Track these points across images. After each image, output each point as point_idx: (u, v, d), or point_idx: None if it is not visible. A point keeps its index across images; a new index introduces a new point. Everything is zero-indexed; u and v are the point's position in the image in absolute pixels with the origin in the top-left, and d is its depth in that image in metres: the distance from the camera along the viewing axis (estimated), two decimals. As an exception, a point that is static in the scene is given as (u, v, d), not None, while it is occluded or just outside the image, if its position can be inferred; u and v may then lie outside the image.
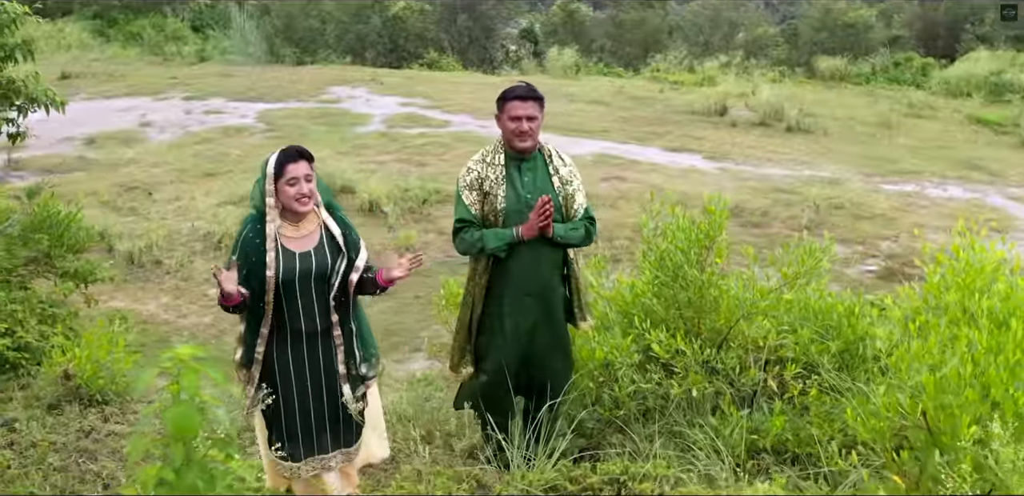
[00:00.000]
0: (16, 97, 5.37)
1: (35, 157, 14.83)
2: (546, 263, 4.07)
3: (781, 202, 13.44)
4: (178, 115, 17.01)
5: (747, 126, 17.08)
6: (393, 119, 16.92)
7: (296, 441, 3.59)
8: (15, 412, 4.49)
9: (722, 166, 15.27)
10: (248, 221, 3.57)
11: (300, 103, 17.71)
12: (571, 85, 19.39)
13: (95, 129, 16.22)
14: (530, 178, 4.07)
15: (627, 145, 16.05)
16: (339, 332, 3.64)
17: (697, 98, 17.91)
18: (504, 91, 4.14)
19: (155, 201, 13.52)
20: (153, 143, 15.85)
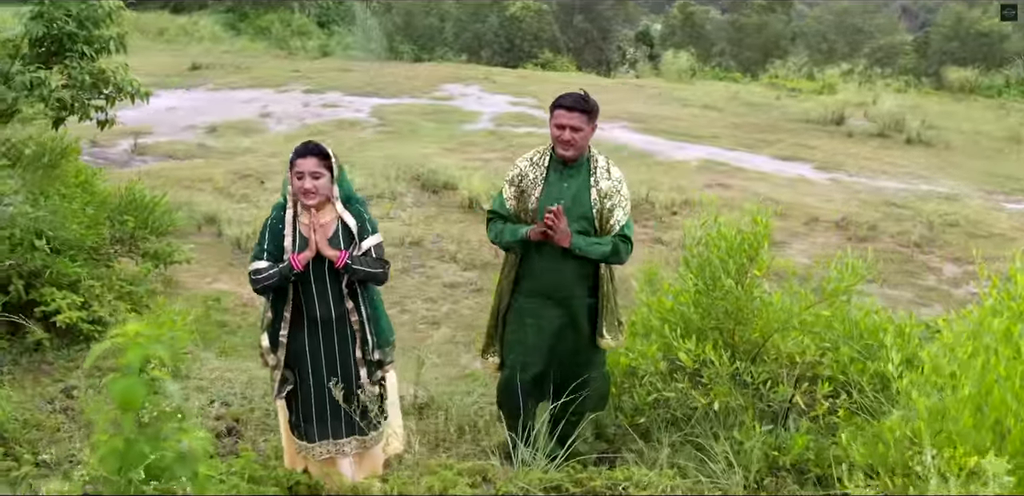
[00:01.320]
0: (105, 87, 5.70)
1: (159, 143, 15.55)
2: (569, 271, 4.05)
3: (892, 217, 12.97)
4: (296, 107, 17.60)
5: (864, 137, 16.53)
6: (502, 117, 17.08)
7: (311, 423, 3.73)
8: (77, 380, 4.81)
9: (833, 177, 14.83)
10: (275, 208, 3.74)
11: (413, 99, 18.08)
12: (684, 89, 19.18)
13: (218, 118, 16.93)
14: (569, 185, 4.06)
15: (735, 152, 15.78)
16: (355, 318, 3.76)
17: (814, 106, 17.43)
18: (558, 97, 4.17)
19: (266, 189, 13.92)
20: (270, 134, 16.41)
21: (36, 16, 5.35)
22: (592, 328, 4.12)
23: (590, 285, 4.12)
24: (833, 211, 13.07)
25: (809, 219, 12.84)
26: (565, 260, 4.00)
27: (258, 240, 3.74)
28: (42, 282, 5.25)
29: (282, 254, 3.62)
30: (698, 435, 4.06)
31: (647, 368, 4.08)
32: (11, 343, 5.25)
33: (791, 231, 12.47)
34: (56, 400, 4.51)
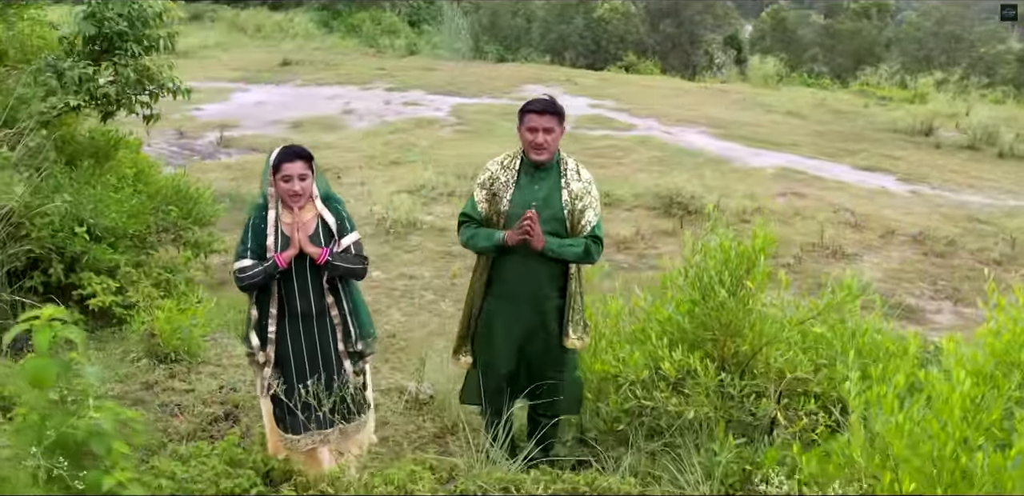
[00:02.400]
0: (149, 83, 6.00)
1: (244, 137, 16.11)
2: (540, 273, 4.10)
3: (973, 232, 12.55)
4: (378, 105, 17.98)
5: (953, 148, 15.99)
6: (579, 120, 17.10)
7: (296, 415, 3.89)
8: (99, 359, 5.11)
9: (915, 189, 14.42)
10: (255, 209, 3.89)
11: (493, 99, 18.26)
12: (769, 95, 18.87)
13: (303, 113, 17.43)
14: (540, 187, 4.11)
15: (815, 160, 15.47)
16: (336, 312, 3.90)
17: (903, 115, 16.93)
18: (525, 103, 4.24)
19: (341, 184, 14.27)
20: (351, 130, 16.80)
21: (88, 15, 5.69)
22: (560, 329, 4.17)
23: (560, 285, 4.17)
24: (911, 224, 12.72)
25: (885, 232, 12.54)
26: (535, 262, 4.05)
27: (241, 239, 3.88)
28: (81, 267, 5.58)
29: (265, 252, 3.78)
30: (678, 445, 4.08)
31: (627, 375, 4.11)
32: (50, 323, 5.58)
33: (865, 244, 12.19)
34: (74, 378, 4.80)
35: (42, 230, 5.38)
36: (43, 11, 6.40)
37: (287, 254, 3.75)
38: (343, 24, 23.56)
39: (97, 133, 6.38)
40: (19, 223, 5.35)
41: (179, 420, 4.47)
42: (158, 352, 5.18)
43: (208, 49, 22.39)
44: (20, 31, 6.16)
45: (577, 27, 20.46)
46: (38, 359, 2.23)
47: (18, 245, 5.35)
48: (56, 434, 2.25)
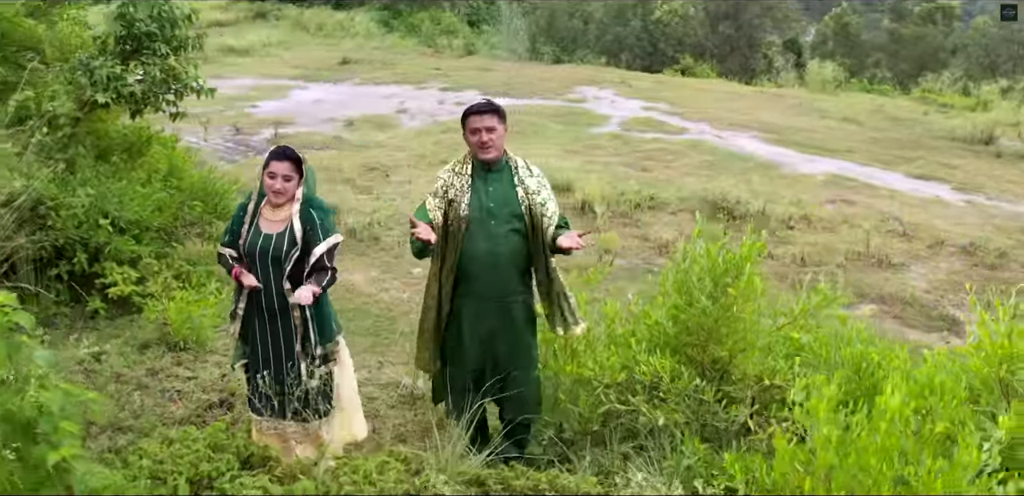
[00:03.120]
0: (174, 83, 6.26)
1: (299, 133, 16.43)
2: (505, 267, 4.22)
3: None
4: (432, 104, 18.22)
5: (1014, 158, 15.61)
6: (630, 122, 17.12)
7: (260, 397, 4.09)
8: (110, 347, 5.38)
9: (970, 199, 14.13)
10: (246, 200, 4.10)
11: (545, 100, 18.36)
12: (826, 100, 18.61)
13: (357, 112, 17.73)
14: (495, 188, 4.24)
15: (868, 168, 15.25)
16: (297, 313, 4.06)
17: (962, 123, 16.56)
18: (465, 109, 4.39)
19: (390, 183, 14.49)
20: (403, 129, 17.05)
21: (118, 16, 5.97)
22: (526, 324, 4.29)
23: (525, 283, 4.28)
24: (962, 235, 12.50)
25: (935, 242, 12.34)
26: (502, 261, 4.17)
27: (227, 226, 4.12)
28: (104, 257, 5.86)
29: (236, 240, 3.98)
30: (651, 448, 4.15)
31: (601, 379, 4.19)
32: (72, 309, 5.90)
33: (913, 253, 12.02)
34: (84, 362, 5.07)
35: (67, 221, 5.67)
36: (84, 11, 6.71)
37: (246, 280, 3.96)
38: (403, 24, 23.91)
39: (130, 129, 6.67)
40: (46, 214, 5.66)
41: (176, 406, 4.68)
42: (169, 340, 5.43)
43: (270, 47, 22.91)
44: (60, 30, 6.48)
45: (634, 29, 20.44)
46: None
47: (44, 235, 5.66)
48: (3, 411, 2.43)
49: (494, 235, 4.17)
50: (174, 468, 3.70)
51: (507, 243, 4.19)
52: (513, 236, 4.20)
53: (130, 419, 4.34)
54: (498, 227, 4.18)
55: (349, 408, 4.28)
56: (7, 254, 5.18)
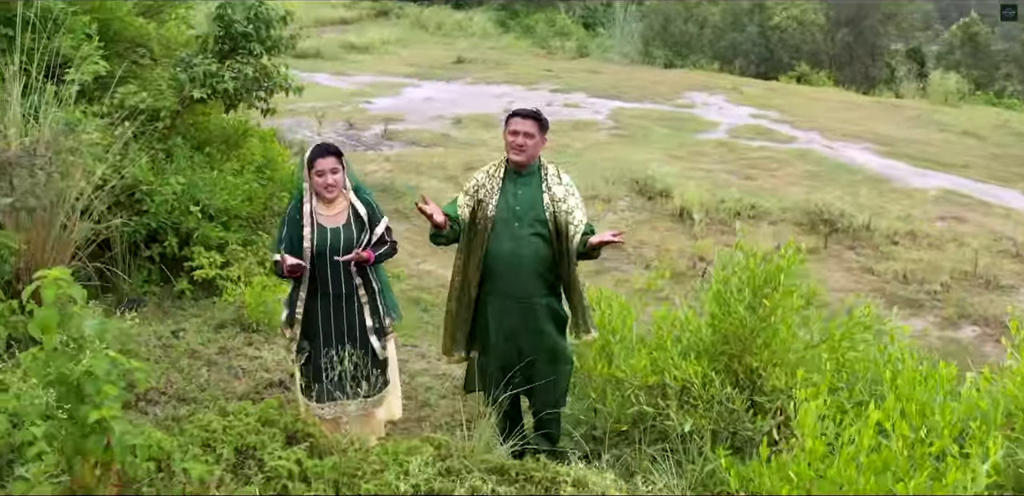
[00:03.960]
0: (266, 81, 6.67)
1: (408, 130, 16.94)
2: (526, 272, 4.38)
3: None
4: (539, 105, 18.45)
5: None
6: (738, 129, 17.00)
7: (322, 386, 4.38)
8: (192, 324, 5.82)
9: (1092, 222, 13.54)
10: (293, 201, 4.39)
11: (654, 104, 18.38)
12: (947, 113, 18.05)
13: (466, 111, 18.14)
14: (523, 192, 4.41)
15: (984, 184, 14.77)
16: (363, 292, 4.35)
17: (1093, 141, 15.85)
18: (512, 110, 4.56)
19: None
20: (509, 129, 17.34)
21: (217, 17, 6.42)
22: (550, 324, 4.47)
23: (549, 284, 4.45)
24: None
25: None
26: (521, 261, 4.36)
27: (278, 231, 4.41)
28: (193, 242, 6.32)
29: (302, 242, 4.26)
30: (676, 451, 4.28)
31: (632, 381, 4.34)
32: (161, 289, 6.38)
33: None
34: (163, 338, 5.50)
35: (160, 206, 6.15)
36: (191, 11, 7.22)
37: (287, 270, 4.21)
38: (519, 24, 24.29)
39: (228, 123, 7.14)
40: (141, 199, 6.15)
41: (240, 382, 5.05)
42: (243, 322, 5.83)
43: (388, 45, 23.60)
44: (168, 29, 7.00)
45: (750, 34, 20.20)
46: (44, 310, 2.76)
47: (139, 218, 6.15)
48: (56, 374, 2.78)
49: (518, 237, 4.37)
50: (224, 438, 4.02)
51: (530, 246, 4.38)
52: (536, 239, 4.38)
53: (196, 391, 4.73)
54: (522, 229, 4.37)
55: (394, 387, 4.56)
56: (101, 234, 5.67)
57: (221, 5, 6.37)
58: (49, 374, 2.81)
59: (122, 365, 3.05)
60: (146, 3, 7.12)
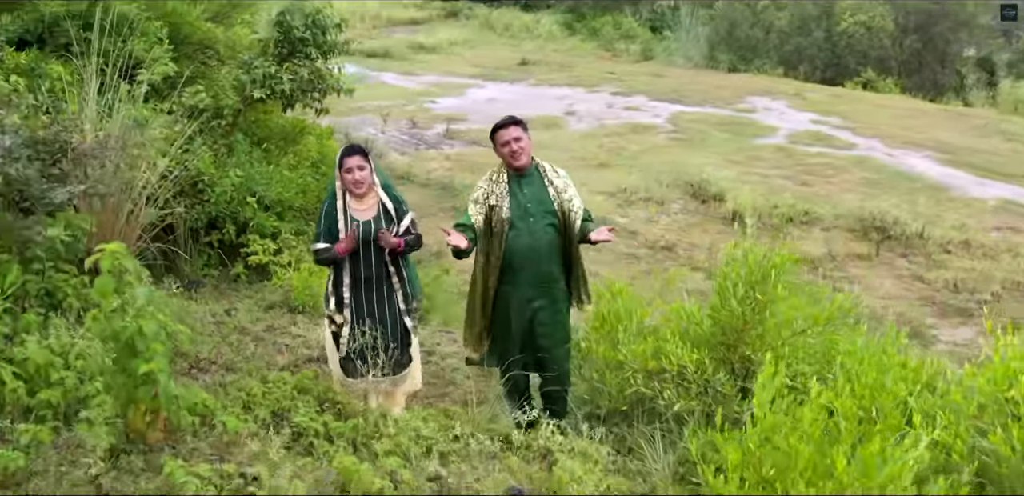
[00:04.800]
0: (319, 83, 7.25)
1: (469, 130, 17.46)
2: (546, 258, 4.92)
3: None
4: (600, 108, 18.86)
5: None
6: (798, 135, 17.15)
7: (355, 364, 4.91)
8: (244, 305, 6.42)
9: None
10: (328, 198, 4.93)
11: (714, 109, 18.62)
12: (1015, 122, 17.93)
13: (528, 112, 18.53)
14: (529, 190, 4.91)
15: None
16: (396, 279, 4.89)
17: None
18: (492, 126, 5.08)
19: None
20: (569, 131, 17.76)
21: (277, 23, 7.02)
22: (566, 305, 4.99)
23: (563, 268, 4.96)
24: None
25: (1102, 280, 11.92)
26: (539, 249, 4.87)
27: (317, 224, 4.96)
28: (249, 230, 6.94)
29: (337, 234, 4.81)
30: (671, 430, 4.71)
31: (631, 364, 4.79)
32: (220, 272, 7.03)
33: (1077, 290, 11.71)
34: (217, 315, 6.11)
35: (219, 197, 6.78)
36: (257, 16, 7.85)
37: (344, 247, 4.76)
38: (585, 27, 24.71)
39: (287, 121, 7.76)
40: (203, 189, 6.79)
41: (281, 356, 5.63)
42: (290, 303, 6.43)
43: (456, 46, 24.23)
44: (234, 32, 7.64)
45: (816, 40, 20.28)
46: (103, 278, 3.33)
47: (200, 207, 6.79)
48: (111, 332, 3.35)
49: (534, 231, 4.89)
50: (262, 401, 4.59)
51: (545, 237, 4.90)
52: (550, 230, 4.90)
53: (241, 362, 5.30)
54: (536, 224, 4.88)
55: (415, 362, 5.09)
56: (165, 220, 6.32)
57: (281, 12, 6.98)
58: (106, 332, 3.38)
59: (168, 327, 3.62)
60: (214, 8, 7.77)
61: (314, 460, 3.91)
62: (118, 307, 3.37)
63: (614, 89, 20.17)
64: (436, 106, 19.04)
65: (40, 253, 4.81)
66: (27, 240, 4.75)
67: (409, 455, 4.10)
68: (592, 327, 5.23)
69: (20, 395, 3.83)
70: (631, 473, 4.17)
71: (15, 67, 5.97)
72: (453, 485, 3.73)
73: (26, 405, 3.84)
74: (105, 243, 3.54)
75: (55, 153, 4.89)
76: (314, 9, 7.03)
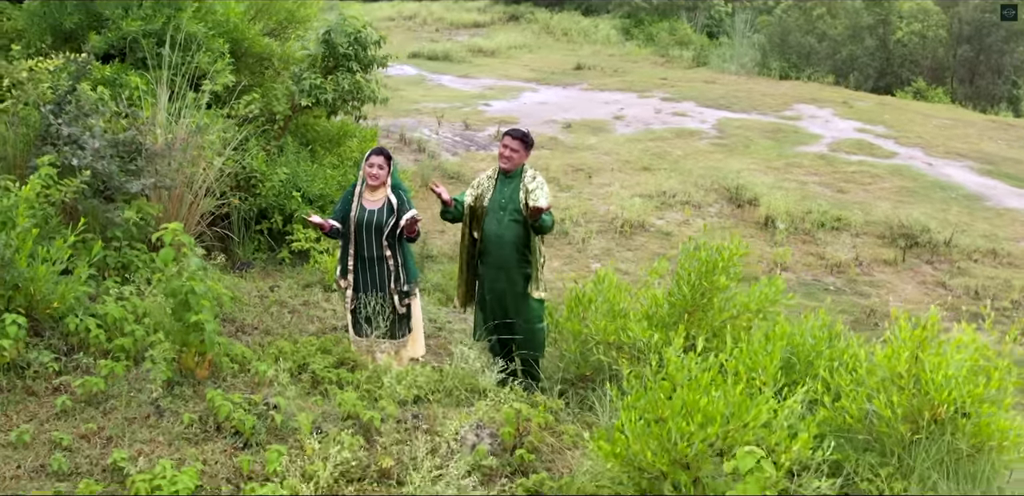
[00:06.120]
0: (358, 93, 8.48)
1: (518, 133, 18.56)
2: (508, 246, 6.11)
3: None
4: (648, 113, 19.80)
5: None
6: (840, 143, 17.86)
7: (361, 325, 6.12)
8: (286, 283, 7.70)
9: None
10: (352, 186, 6.13)
11: (760, 116, 19.43)
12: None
13: (577, 116, 19.65)
14: (508, 189, 6.12)
15: (1081, 210, 15.27)
16: (392, 261, 6.05)
17: None
18: (505, 130, 6.26)
19: (590, 183, 16.16)
20: (615, 135, 18.70)
21: (323, 41, 8.27)
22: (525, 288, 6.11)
23: (523, 257, 6.10)
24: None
25: None
26: (504, 239, 6.08)
27: (337, 204, 6.18)
28: (294, 220, 8.22)
29: (348, 214, 6.01)
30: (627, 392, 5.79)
31: (594, 337, 5.90)
32: (268, 256, 8.33)
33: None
34: (262, 291, 7.39)
35: (268, 191, 8.07)
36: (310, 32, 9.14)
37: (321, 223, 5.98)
38: (642, 33, 25.68)
39: (333, 125, 9.04)
40: (255, 184, 8.09)
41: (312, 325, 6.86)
42: (324, 283, 7.69)
43: (514, 49, 25.40)
44: (288, 46, 8.95)
45: (868, 48, 20.91)
46: (165, 249, 4.57)
47: (253, 200, 8.09)
48: (170, 289, 4.58)
49: (502, 221, 6.09)
50: (291, 356, 5.80)
51: (510, 228, 6.10)
52: (515, 224, 6.10)
53: (279, 328, 6.55)
54: (505, 217, 6.07)
55: (417, 333, 6.26)
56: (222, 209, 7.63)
57: (328, 31, 8.23)
58: (167, 290, 4.62)
59: (213, 288, 4.85)
60: (272, 24, 9.07)
61: (324, 399, 5.10)
62: (176, 272, 4.60)
63: (664, 95, 21.08)
64: (489, 109, 20.11)
65: (118, 233, 6.15)
66: (108, 222, 6.09)
67: (404, 400, 5.27)
68: (568, 306, 6.35)
69: (101, 340, 5.10)
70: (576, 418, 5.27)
71: (100, 78, 7.30)
72: (428, 419, 4.87)
73: (105, 348, 5.10)
74: (169, 225, 4.79)
75: (132, 152, 6.20)
76: (356, 28, 8.26)
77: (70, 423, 4.46)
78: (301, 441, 4.40)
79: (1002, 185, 16.13)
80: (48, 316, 5.15)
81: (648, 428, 4.37)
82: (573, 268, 12.76)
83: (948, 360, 5.14)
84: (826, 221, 14.18)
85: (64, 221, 5.96)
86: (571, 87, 22.13)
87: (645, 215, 14.23)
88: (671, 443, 4.18)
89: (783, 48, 21.79)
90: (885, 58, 20.77)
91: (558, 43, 26.44)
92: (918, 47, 20.30)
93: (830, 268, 13.13)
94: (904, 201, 15.20)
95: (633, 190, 15.47)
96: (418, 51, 25.15)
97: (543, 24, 27.56)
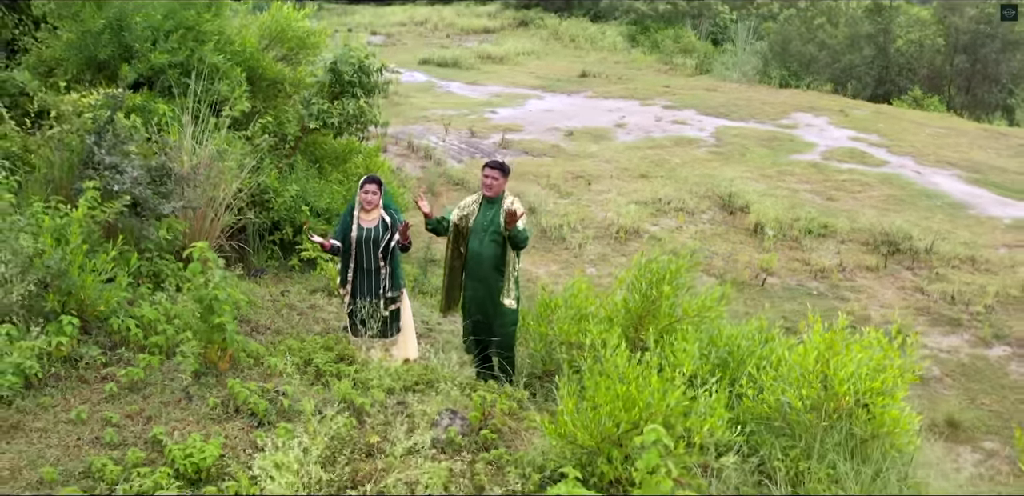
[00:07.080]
0: (360, 117, 9.62)
1: (523, 140, 19.52)
2: (487, 262, 7.15)
3: None
4: (649, 121, 20.80)
5: None
6: (833, 152, 18.78)
7: (357, 326, 7.25)
8: (295, 288, 8.85)
9: None
10: (348, 207, 7.25)
11: (758, 124, 20.41)
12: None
13: (579, 123, 20.66)
14: (490, 213, 7.18)
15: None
16: (385, 271, 7.18)
17: None
18: (485, 162, 7.28)
19: (590, 190, 17.04)
20: (616, 142, 19.65)
21: (330, 69, 9.42)
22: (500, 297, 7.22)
23: (500, 271, 7.18)
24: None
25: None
26: (483, 254, 7.13)
27: (337, 226, 7.30)
28: (302, 232, 9.38)
29: (348, 234, 7.14)
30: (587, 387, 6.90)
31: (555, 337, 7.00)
32: (279, 264, 9.49)
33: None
34: (274, 295, 8.55)
35: (280, 205, 9.23)
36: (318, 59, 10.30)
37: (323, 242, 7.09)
38: (648, 40, 26.72)
39: (339, 144, 10.19)
40: (268, 199, 9.25)
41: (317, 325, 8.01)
42: (329, 289, 8.85)
43: (522, 56, 26.48)
44: (299, 72, 10.11)
45: (867, 57, 21.79)
46: (193, 264, 5.72)
47: (266, 214, 9.26)
48: (198, 297, 5.73)
49: (482, 241, 7.16)
50: (298, 353, 6.93)
51: (490, 248, 7.17)
52: (493, 244, 7.17)
53: (288, 328, 7.71)
54: (486, 237, 7.15)
55: (407, 335, 7.39)
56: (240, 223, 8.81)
57: (334, 61, 9.38)
58: (195, 297, 5.78)
59: (233, 295, 6.00)
60: (284, 50, 10.24)
61: (325, 388, 6.24)
62: (203, 282, 5.75)
63: (666, 102, 22.06)
64: (495, 116, 21.10)
65: (150, 246, 7.33)
66: (142, 237, 7.27)
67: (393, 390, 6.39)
68: (537, 310, 7.46)
69: (139, 338, 6.26)
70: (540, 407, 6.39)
71: (132, 106, 8.48)
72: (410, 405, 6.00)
73: (143, 344, 6.26)
74: (195, 241, 5.94)
75: (162, 176, 7.37)
76: (359, 59, 9.39)
77: (117, 405, 5.61)
78: (305, 421, 5.54)
79: (987, 193, 16.99)
80: (95, 317, 6.31)
81: (585, 413, 5.47)
82: (569, 273, 13.65)
83: (851, 359, 6.19)
84: (813, 228, 15.04)
85: (104, 236, 7.13)
86: (576, 95, 23.15)
87: (640, 221, 15.16)
88: (601, 425, 5.28)
89: (784, 56, 22.72)
90: (883, 67, 21.65)
91: (565, 49, 27.49)
92: (915, 56, 21.17)
93: (814, 273, 14.00)
94: (890, 209, 16.04)
95: (630, 197, 16.37)
96: (428, 57, 26.21)
97: (552, 30, 28.61)
